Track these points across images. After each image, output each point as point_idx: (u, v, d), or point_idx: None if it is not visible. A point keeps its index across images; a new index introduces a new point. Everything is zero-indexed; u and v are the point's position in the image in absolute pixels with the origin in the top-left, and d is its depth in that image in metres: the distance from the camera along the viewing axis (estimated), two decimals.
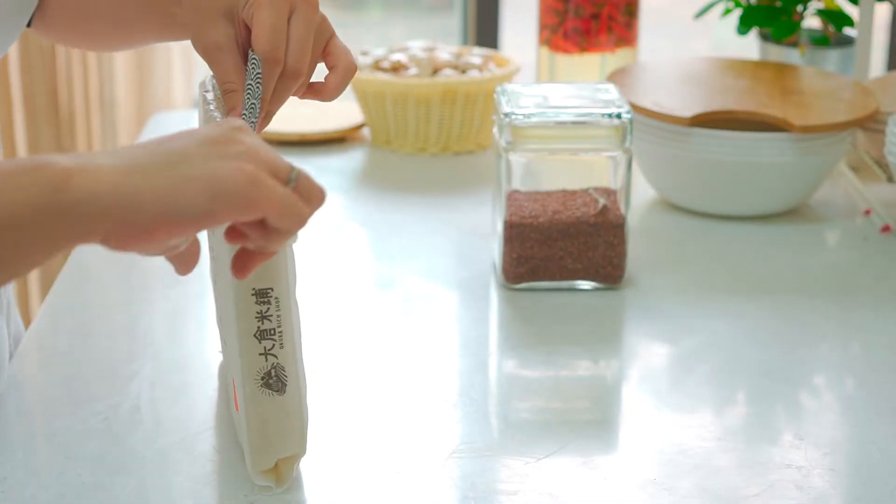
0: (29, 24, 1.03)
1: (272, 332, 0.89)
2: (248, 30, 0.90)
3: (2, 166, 0.67)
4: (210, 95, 0.93)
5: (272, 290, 0.89)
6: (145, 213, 0.68)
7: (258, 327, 0.89)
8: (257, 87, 0.88)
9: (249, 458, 0.91)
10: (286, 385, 0.90)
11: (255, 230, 0.74)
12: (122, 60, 2.48)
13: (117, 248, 0.70)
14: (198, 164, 0.69)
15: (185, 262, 0.77)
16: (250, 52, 0.89)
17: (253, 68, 0.88)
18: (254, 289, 0.89)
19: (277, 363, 0.89)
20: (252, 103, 0.88)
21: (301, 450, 0.92)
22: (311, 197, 0.75)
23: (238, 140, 0.73)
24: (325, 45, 0.92)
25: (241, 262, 0.78)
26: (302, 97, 0.95)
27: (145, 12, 0.98)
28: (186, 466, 0.95)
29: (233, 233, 0.74)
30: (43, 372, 1.08)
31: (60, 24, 1.04)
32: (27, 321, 2.17)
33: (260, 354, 0.89)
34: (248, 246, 0.77)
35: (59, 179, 0.66)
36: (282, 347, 0.89)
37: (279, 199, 0.72)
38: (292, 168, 0.74)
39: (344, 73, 0.92)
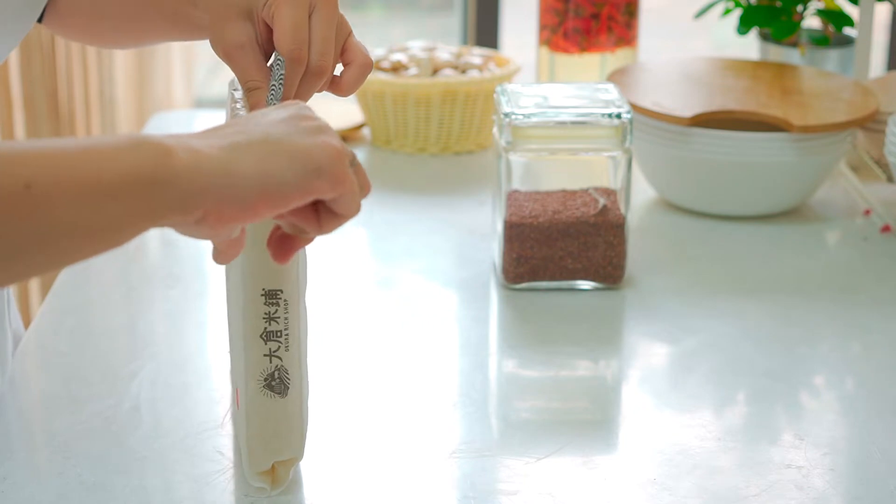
0: (41, 20, 1.03)
1: (278, 333, 0.89)
2: (268, 29, 0.90)
3: (100, 140, 0.68)
4: (238, 94, 0.92)
5: (282, 291, 0.89)
6: (248, 189, 0.70)
7: (265, 328, 0.89)
8: (280, 88, 0.88)
9: (247, 459, 0.91)
10: (289, 388, 0.90)
11: (308, 216, 0.75)
12: (121, 60, 2.48)
13: (214, 225, 0.70)
14: (289, 141, 0.72)
15: (228, 251, 0.77)
16: (275, 53, 0.89)
17: (277, 69, 0.88)
18: (263, 289, 0.88)
19: (281, 365, 0.89)
20: (275, 104, 0.87)
21: (299, 454, 0.92)
22: (364, 185, 0.76)
23: (312, 116, 0.75)
24: (342, 43, 0.92)
25: (283, 246, 0.79)
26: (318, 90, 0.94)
27: (156, 12, 0.98)
28: (186, 466, 0.95)
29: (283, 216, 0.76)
30: (43, 372, 1.08)
31: (71, 21, 1.04)
32: (27, 321, 2.18)
33: (265, 356, 0.89)
34: (288, 230, 0.78)
35: (161, 153, 0.68)
36: (287, 350, 0.89)
37: (351, 180, 0.74)
38: (353, 153, 0.76)
39: (361, 69, 0.92)
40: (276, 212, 0.72)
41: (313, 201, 0.74)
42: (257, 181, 0.70)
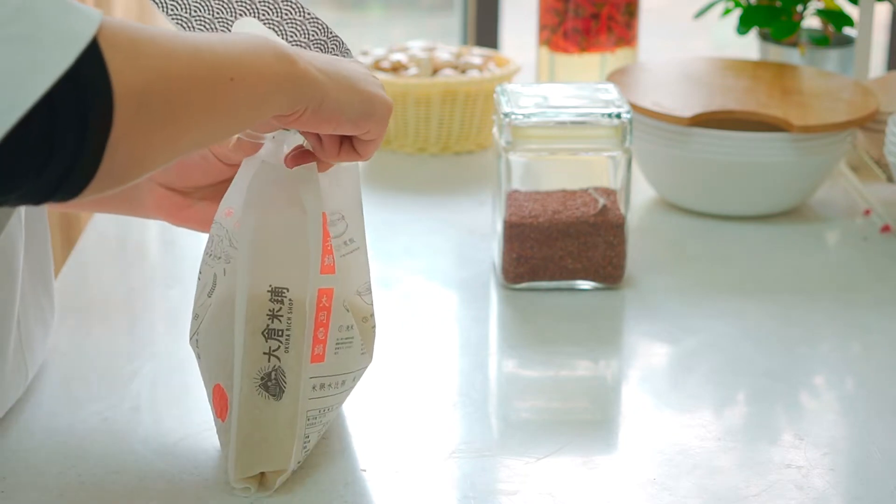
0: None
1: (280, 332, 0.88)
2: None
3: (227, 36, 0.82)
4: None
5: (288, 290, 0.88)
6: (330, 105, 0.85)
7: (267, 325, 0.88)
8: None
9: (232, 464, 0.90)
10: (284, 392, 0.89)
11: (335, 144, 0.90)
12: None
13: (305, 123, 0.85)
14: (365, 86, 0.87)
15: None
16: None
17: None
18: (270, 286, 0.88)
19: (279, 366, 0.89)
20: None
21: (284, 466, 0.90)
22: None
23: (374, 75, 0.90)
24: None
25: (299, 159, 0.91)
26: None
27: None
28: (186, 466, 0.95)
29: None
30: (44, 372, 1.08)
31: None
32: None
33: (264, 353, 0.89)
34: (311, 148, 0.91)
35: (290, 57, 0.82)
36: (286, 352, 0.89)
37: (384, 134, 0.91)
38: None
39: None
40: (332, 131, 0.87)
41: (345, 136, 0.89)
42: (336, 104, 0.85)
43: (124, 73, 0.72)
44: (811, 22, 1.73)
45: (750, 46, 1.86)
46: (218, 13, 0.91)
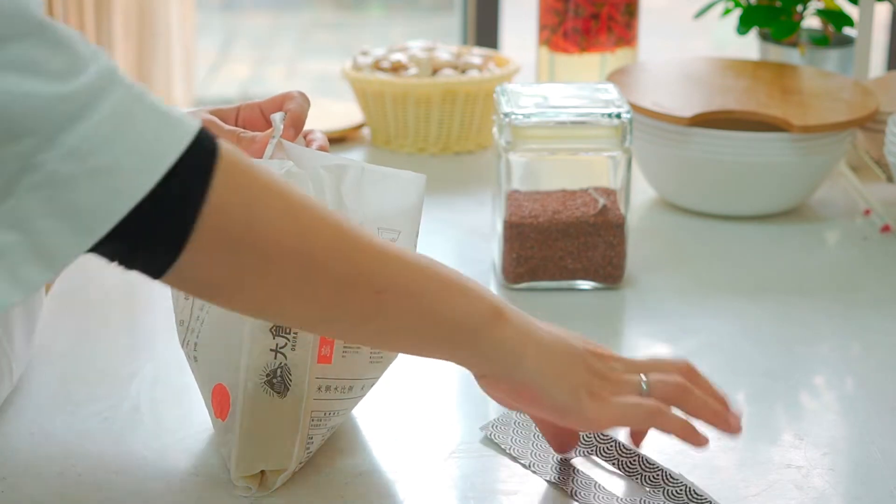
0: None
1: (287, 330, 0.89)
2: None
3: (460, 282, 0.85)
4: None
5: None
6: (523, 378, 0.86)
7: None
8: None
9: (233, 461, 0.90)
10: (289, 389, 0.89)
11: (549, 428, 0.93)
12: (122, 60, 2.48)
13: (485, 389, 0.89)
14: (581, 383, 0.87)
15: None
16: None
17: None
18: None
19: (286, 364, 0.89)
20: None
21: (285, 464, 0.91)
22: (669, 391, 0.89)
23: (609, 376, 0.88)
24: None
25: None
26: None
27: None
28: (186, 466, 0.95)
29: None
30: (43, 372, 1.08)
31: None
32: None
33: (271, 350, 0.89)
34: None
35: (496, 316, 0.85)
36: (293, 350, 0.89)
37: (597, 424, 0.87)
38: (640, 381, 0.89)
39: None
40: (534, 411, 0.89)
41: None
42: (527, 377, 0.86)
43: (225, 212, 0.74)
44: (811, 22, 1.73)
45: (750, 46, 1.86)
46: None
